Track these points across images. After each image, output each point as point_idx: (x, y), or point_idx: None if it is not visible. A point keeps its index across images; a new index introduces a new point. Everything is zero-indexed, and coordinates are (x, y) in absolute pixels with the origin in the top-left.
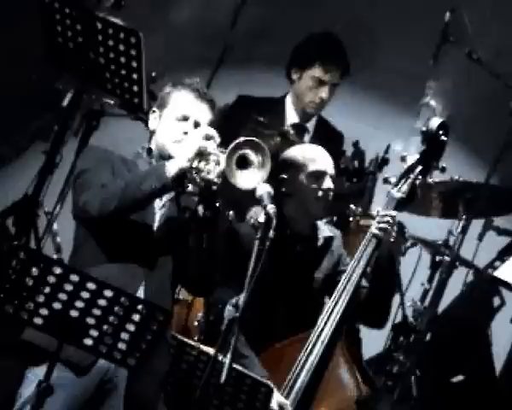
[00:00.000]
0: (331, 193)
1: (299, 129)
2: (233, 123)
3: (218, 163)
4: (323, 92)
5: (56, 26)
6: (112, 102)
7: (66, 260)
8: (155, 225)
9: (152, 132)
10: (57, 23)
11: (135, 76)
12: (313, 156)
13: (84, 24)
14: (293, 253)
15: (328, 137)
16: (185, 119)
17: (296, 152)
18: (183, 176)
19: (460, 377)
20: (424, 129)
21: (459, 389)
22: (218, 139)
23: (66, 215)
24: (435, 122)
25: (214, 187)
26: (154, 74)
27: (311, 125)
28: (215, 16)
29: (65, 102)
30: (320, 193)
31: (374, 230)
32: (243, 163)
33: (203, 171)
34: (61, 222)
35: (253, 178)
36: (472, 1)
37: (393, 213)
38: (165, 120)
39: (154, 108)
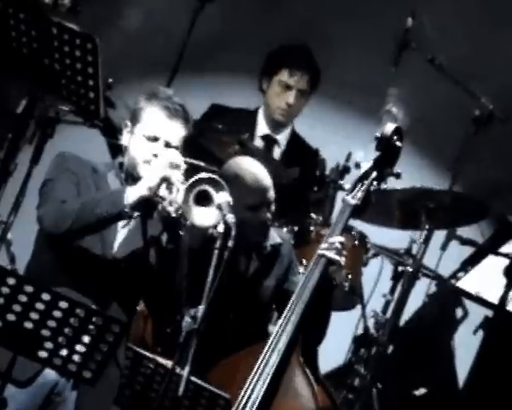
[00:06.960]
0: (269, 221)
1: (269, 140)
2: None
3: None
4: (290, 97)
5: (11, 32)
6: (67, 108)
7: (20, 271)
8: (116, 244)
9: (124, 147)
10: (11, 29)
11: (91, 82)
12: (251, 186)
13: (39, 29)
14: (241, 261)
15: (301, 153)
16: (155, 139)
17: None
18: (145, 203)
19: (422, 390)
20: (378, 135)
21: (421, 403)
22: (183, 167)
23: (20, 225)
24: (389, 128)
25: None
26: (110, 80)
27: (282, 137)
28: (172, 22)
29: (19, 109)
30: (257, 223)
31: (328, 254)
32: (202, 199)
33: (166, 200)
34: (16, 231)
35: (210, 217)
36: (432, 7)
37: (341, 238)
38: (136, 137)
39: (127, 122)
